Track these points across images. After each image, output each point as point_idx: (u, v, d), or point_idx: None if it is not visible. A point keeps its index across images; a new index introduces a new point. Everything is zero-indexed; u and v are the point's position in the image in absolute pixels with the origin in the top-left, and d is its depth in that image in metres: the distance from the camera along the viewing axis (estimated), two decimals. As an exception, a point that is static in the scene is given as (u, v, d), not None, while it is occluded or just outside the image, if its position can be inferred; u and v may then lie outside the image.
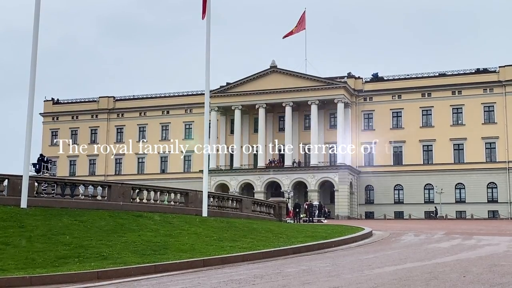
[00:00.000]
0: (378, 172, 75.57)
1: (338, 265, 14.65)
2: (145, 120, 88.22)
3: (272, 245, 18.59)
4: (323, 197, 75.46)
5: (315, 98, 74.84)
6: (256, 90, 77.35)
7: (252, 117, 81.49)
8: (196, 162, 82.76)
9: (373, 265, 14.49)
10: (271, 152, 78.72)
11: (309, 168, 74.19)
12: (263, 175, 75.68)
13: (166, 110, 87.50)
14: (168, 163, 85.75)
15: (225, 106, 79.73)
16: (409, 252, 18.24)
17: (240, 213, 29.89)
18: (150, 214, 22.95)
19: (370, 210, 75.60)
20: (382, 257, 16.55)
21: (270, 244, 18.83)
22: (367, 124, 78.00)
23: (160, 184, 63.51)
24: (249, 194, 74.01)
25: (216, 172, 77.77)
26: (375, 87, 78.05)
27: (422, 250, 18.96)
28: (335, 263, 15.11)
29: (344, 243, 21.68)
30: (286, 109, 76.16)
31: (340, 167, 72.46)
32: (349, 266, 14.50)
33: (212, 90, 77.81)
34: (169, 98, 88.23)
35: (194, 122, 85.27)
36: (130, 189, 24.86)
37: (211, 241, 18.66)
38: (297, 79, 76.29)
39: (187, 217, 24.08)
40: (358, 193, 76.20)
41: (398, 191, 74.85)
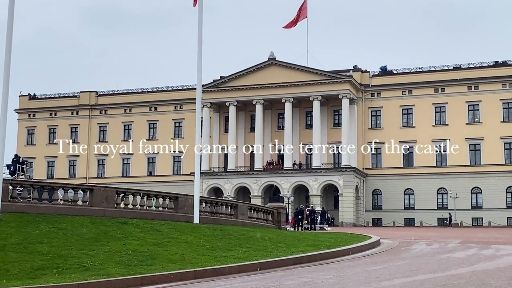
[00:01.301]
0: (386, 175, 75.71)
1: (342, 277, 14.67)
2: (131, 117, 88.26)
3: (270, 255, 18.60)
4: (326, 202, 75.56)
5: (318, 93, 74.94)
6: (253, 85, 77.43)
7: (248, 114, 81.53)
8: (186, 163, 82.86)
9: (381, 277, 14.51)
10: (270, 152, 78.88)
11: (311, 170, 74.28)
12: (260, 178, 75.80)
13: (154, 107, 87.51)
14: (156, 164, 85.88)
15: (218, 102, 79.76)
16: (421, 263, 18.27)
17: (235, 219, 29.94)
18: (136, 221, 22.93)
19: (378, 216, 75.74)
20: (391, 268, 16.58)
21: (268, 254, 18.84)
22: (375, 122, 78.12)
23: (147, 187, 63.76)
24: (245, 199, 74.09)
25: (209, 175, 77.87)
26: (384, 82, 78.19)
27: (434, 260, 18.99)
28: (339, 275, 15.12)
29: (349, 253, 21.70)
30: (286, 105, 76.25)
31: (345, 170, 72.59)
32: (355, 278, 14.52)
33: (204, 84, 77.69)
34: (157, 93, 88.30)
35: (184, 119, 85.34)
36: (114, 193, 24.87)
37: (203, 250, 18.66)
38: (298, 72, 76.41)
39: (176, 224, 24.07)
40: (365, 198, 76.36)
41: (409, 196, 75.05)
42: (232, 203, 31.64)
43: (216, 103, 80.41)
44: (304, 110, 79.43)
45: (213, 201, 30.24)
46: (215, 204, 29.94)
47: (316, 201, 71.46)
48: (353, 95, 76.10)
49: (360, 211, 75.05)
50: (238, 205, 31.30)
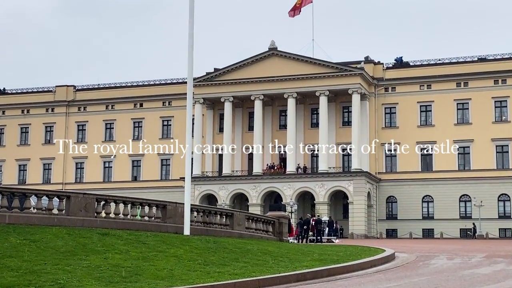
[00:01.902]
0: (402, 180, 75.91)
1: (352, 296, 14.63)
2: (113, 115, 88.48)
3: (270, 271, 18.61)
4: (334, 211, 75.74)
5: (325, 88, 75.10)
6: (251, 78, 77.54)
7: (246, 111, 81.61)
8: (176, 167, 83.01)
9: (395, 296, 14.48)
10: (270, 153, 79.06)
11: (317, 175, 74.43)
12: (259, 184, 75.96)
13: (139, 103, 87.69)
14: (141, 168, 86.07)
15: (212, 97, 79.85)
16: (441, 279, 18.26)
17: (230, 230, 30.07)
18: (119, 232, 22.98)
19: (393, 227, 75.94)
20: (406, 286, 16.55)
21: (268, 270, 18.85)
22: (389, 120, 78.30)
23: (132, 194, 63.61)
24: (242, 208, 74.37)
25: (201, 180, 77.98)
26: (399, 75, 78.34)
27: (457, 277, 18.98)
28: (348, 293, 15.08)
29: (360, 268, 21.72)
30: (289, 101, 76.38)
31: (356, 174, 72.75)
32: (366, 296, 14.48)
33: (196, 77, 77.87)
34: (143, 87, 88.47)
35: (174, 117, 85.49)
36: (94, 201, 24.87)
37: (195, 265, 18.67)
38: (303, 64, 76.56)
39: (164, 235, 24.13)
40: (378, 206, 76.51)
41: (427, 204, 75.19)
42: (227, 212, 31.65)
43: (209, 98, 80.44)
44: (309, 106, 79.52)
45: (206, 210, 30.22)
46: (208, 213, 29.90)
47: (322, 210, 71.62)
48: (365, 90, 76.20)
49: (372, 221, 75.15)
50: (235, 214, 31.30)
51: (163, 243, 21.93)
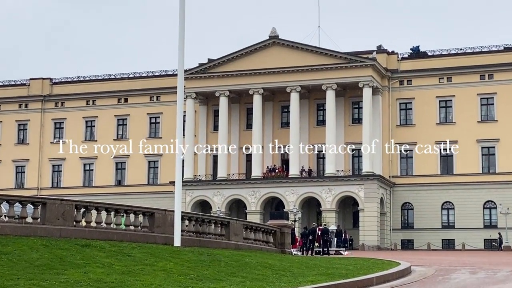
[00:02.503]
0: (419, 184, 75.93)
1: (363, 315, 14.65)
2: (95, 111, 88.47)
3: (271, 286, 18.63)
4: (343, 219, 75.74)
5: (332, 80, 75.10)
6: (249, 70, 77.51)
7: (243, 107, 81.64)
8: (165, 170, 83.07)
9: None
10: (271, 154, 78.92)
11: (323, 178, 74.49)
12: (259, 189, 76.01)
13: (123, 98, 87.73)
14: (126, 171, 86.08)
15: (206, 91, 79.88)
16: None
17: (226, 241, 30.12)
18: (101, 243, 22.87)
19: (409, 237, 75.96)
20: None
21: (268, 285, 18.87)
22: (405, 117, 78.36)
23: (115, 200, 63.88)
24: (239, 216, 74.32)
25: (194, 185, 78.02)
26: (416, 66, 78.40)
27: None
28: (359, 312, 15.09)
29: (372, 284, 21.72)
30: (292, 96, 76.40)
31: (367, 178, 72.78)
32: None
33: (188, 69, 77.76)
34: (128, 81, 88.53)
35: (162, 114, 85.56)
36: (73, 208, 24.75)
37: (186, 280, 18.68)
38: (307, 54, 76.59)
39: (152, 247, 24.07)
40: (392, 213, 76.55)
41: (447, 211, 75.23)
42: (223, 220, 31.67)
43: (203, 93, 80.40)
44: (315, 102, 79.50)
45: (199, 218, 30.17)
46: (201, 222, 29.87)
47: (330, 218, 71.57)
48: (377, 83, 76.21)
49: (386, 231, 75.15)
50: (231, 223, 31.32)
51: (150, 255, 21.92)
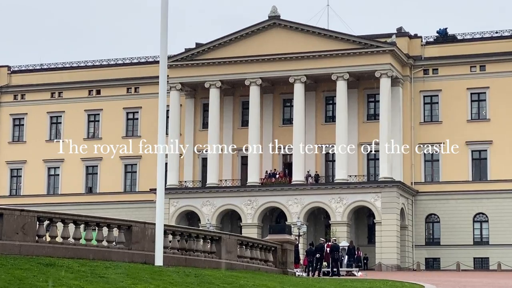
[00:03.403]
0: (447, 192, 75.86)
1: None
2: (61, 105, 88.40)
3: (271, 314, 18.55)
4: (356, 234, 75.68)
5: (344, 69, 75.04)
6: (245, 56, 77.40)
7: (238, 100, 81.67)
8: (145, 175, 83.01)
9: None
10: (271, 155, 78.87)
11: (333, 185, 74.44)
12: (256, 198, 75.89)
13: (95, 89, 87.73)
14: (98, 176, 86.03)
15: (194, 82, 79.86)
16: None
17: (217, 260, 30.10)
18: (69, 262, 22.64)
19: (434, 255, 76.02)
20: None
21: (268, 313, 18.79)
22: (430, 113, 78.38)
23: (86, 211, 63.37)
24: (233, 229, 74.47)
25: (179, 193, 77.98)
26: (443, 52, 78.31)
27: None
28: None
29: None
30: (296, 87, 76.29)
31: (385, 185, 72.67)
32: None
33: (172, 55, 77.67)
34: (101, 69, 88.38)
35: (142, 108, 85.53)
36: (35, 220, 24.51)
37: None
38: (314, 38, 76.50)
39: (129, 266, 23.92)
40: (415, 227, 76.46)
41: (480, 225, 75.19)
42: (213, 235, 31.54)
43: (190, 84, 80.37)
44: (323, 94, 79.39)
45: (185, 232, 30.05)
46: (187, 237, 29.73)
47: (340, 233, 71.43)
48: (397, 73, 76.11)
49: (407, 248, 74.96)
50: (223, 238, 31.20)
51: (127, 276, 21.73)
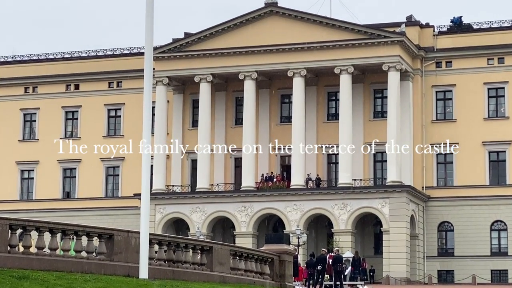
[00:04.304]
0: (461, 198, 75.73)
1: None
2: (36, 101, 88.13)
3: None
4: (361, 244, 75.69)
5: (348, 62, 74.99)
6: (239, 48, 77.44)
7: (231, 96, 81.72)
8: (128, 178, 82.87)
9: None
10: (268, 157, 78.77)
11: (336, 190, 74.47)
12: (251, 204, 75.88)
13: (73, 84, 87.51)
14: (77, 180, 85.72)
15: (182, 76, 79.91)
16: None
17: (208, 272, 29.99)
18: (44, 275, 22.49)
19: (448, 267, 75.93)
20: None
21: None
22: (442, 110, 78.43)
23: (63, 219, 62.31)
24: (225, 239, 74.31)
25: (166, 198, 77.84)
26: (458, 43, 78.24)
27: None
28: None
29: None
30: (295, 82, 76.20)
31: (393, 190, 72.66)
32: None
33: (159, 46, 77.57)
34: (79, 62, 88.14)
35: (125, 105, 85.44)
36: (7, 229, 24.28)
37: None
38: (315, 27, 76.45)
39: (111, 279, 23.82)
40: (426, 236, 76.35)
41: (498, 233, 75.04)
42: (204, 245, 31.36)
43: (178, 77, 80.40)
44: (325, 90, 79.42)
45: (173, 242, 29.81)
46: (175, 247, 29.55)
47: (344, 242, 71.32)
48: (407, 66, 76.01)
49: (417, 259, 74.86)
50: (214, 248, 30.99)
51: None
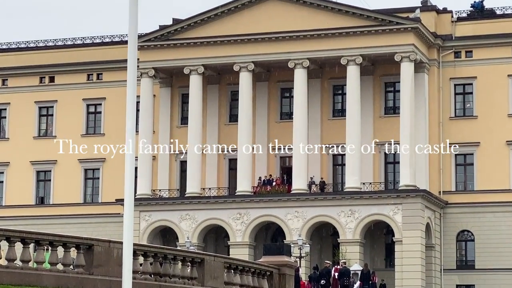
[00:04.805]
0: (483, 204, 76.17)
1: None
2: (6, 96, 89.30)
3: None
4: (370, 255, 76.49)
5: (356, 51, 75.45)
6: (234, 36, 77.97)
7: (225, 89, 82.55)
8: (109, 182, 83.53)
9: None
10: (266, 159, 79.20)
11: (342, 195, 75.28)
12: (247, 211, 76.31)
13: (48, 76, 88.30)
14: (52, 184, 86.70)
15: (170, 67, 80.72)
16: None
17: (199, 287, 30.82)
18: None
19: (468, 281, 76.61)
20: None
21: None
22: (461, 105, 79.17)
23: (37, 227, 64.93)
24: (219, 250, 75.31)
25: (152, 204, 78.61)
26: (479, 31, 78.91)
27: None
28: None
29: None
30: (296, 74, 76.69)
31: (407, 195, 73.26)
32: None
33: (144, 34, 78.67)
34: (54, 51, 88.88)
35: (106, 99, 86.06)
36: (-27, 239, 25.14)
37: None
38: (319, 12, 77.09)
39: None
40: (443, 247, 76.86)
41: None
42: (194, 257, 31.92)
43: (165, 69, 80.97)
44: (330, 83, 79.95)
45: (160, 253, 30.21)
46: (163, 259, 30.00)
47: (352, 254, 71.79)
48: (422, 56, 76.33)
49: (434, 272, 75.38)
50: (206, 260, 31.51)
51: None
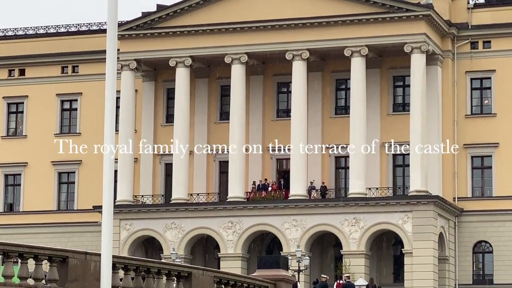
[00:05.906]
0: (503, 212, 76.47)
1: None
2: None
3: None
4: (377, 268, 76.50)
5: (361, 41, 75.64)
6: (226, 24, 78.03)
7: (215, 84, 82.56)
8: (86, 187, 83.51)
9: None
10: (260, 160, 79.36)
11: (346, 201, 75.18)
12: (240, 219, 76.40)
13: (18, 69, 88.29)
14: (22, 189, 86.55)
15: (154, 58, 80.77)
16: None
17: None
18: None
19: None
20: None
21: None
22: (478, 102, 79.22)
23: (5, 237, 64.78)
24: (208, 263, 75.05)
25: (134, 212, 78.48)
26: (498, 18, 78.98)
27: None
28: None
29: None
30: (295, 66, 76.82)
31: (417, 201, 73.42)
32: None
33: (125, 22, 78.62)
34: (25, 41, 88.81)
35: (82, 95, 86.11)
36: None
37: None
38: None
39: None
40: (458, 259, 76.83)
41: (547, 257, 75.54)
42: (181, 270, 31.70)
43: (149, 61, 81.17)
44: (333, 76, 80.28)
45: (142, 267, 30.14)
46: (145, 273, 29.93)
47: (356, 267, 71.82)
48: (434, 46, 76.53)
49: (448, 287, 75.46)
50: (194, 274, 31.31)
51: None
